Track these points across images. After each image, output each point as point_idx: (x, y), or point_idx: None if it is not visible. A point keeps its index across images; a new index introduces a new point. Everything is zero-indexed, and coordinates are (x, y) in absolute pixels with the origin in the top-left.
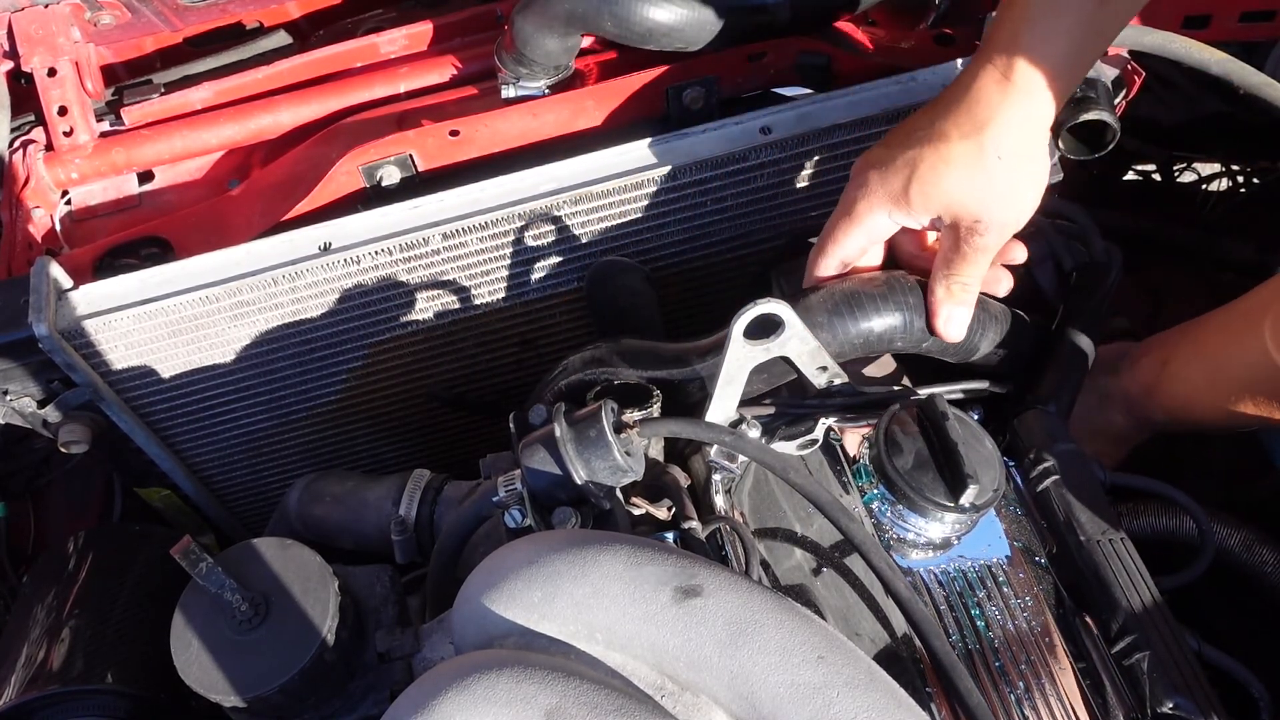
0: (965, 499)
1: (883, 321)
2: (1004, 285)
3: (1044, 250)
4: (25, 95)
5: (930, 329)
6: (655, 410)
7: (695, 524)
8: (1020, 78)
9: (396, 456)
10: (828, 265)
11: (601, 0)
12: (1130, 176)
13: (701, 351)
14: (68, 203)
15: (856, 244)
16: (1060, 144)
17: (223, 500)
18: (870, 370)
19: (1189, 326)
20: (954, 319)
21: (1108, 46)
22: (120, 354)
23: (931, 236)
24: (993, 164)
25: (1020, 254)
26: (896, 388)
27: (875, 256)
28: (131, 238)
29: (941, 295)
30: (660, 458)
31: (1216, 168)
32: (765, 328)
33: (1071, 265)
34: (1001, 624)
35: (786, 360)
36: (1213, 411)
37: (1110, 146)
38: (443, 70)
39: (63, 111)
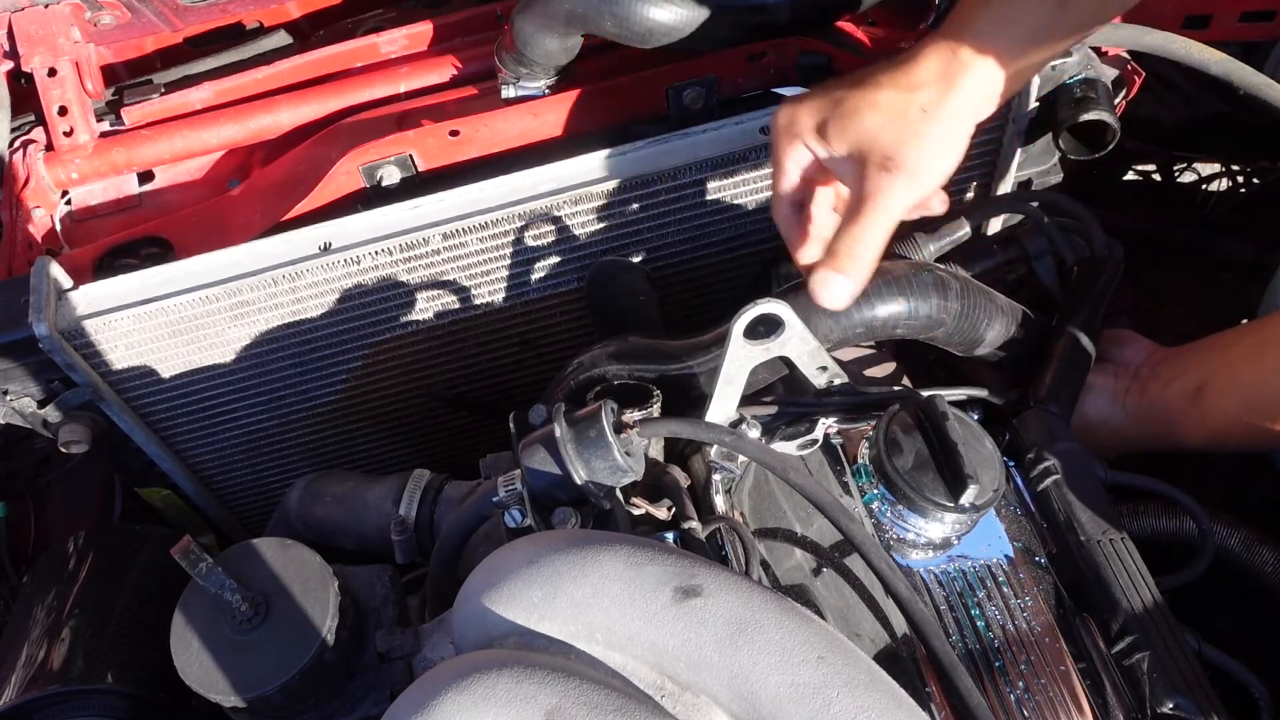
0: (965, 499)
1: (886, 308)
2: (937, 201)
3: (1044, 245)
4: (25, 95)
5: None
6: (655, 410)
7: (695, 524)
8: (964, 53)
9: (396, 456)
10: (780, 207)
11: (601, 0)
12: (1130, 176)
13: (706, 345)
14: (68, 203)
15: (789, 178)
16: (1060, 144)
17: (223, 500)
18: (870, 370)
19: (1218, 348)
20: (829, 284)
21: (1065, 45)
22: (120, 354)
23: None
24: (915, 114)
25: (939, 204)
26: (896, 388)
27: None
28: (131, 238)
29: (826, 259)
30: (660, 458)
31: (1216, 168)
32: (765, 327)
33: (1073, 260)
34: (1001, 624)
35: (786, 360)
36: (1252, 436)
37: (1110, 146)
38: (443, 70)
39: (63, 111)
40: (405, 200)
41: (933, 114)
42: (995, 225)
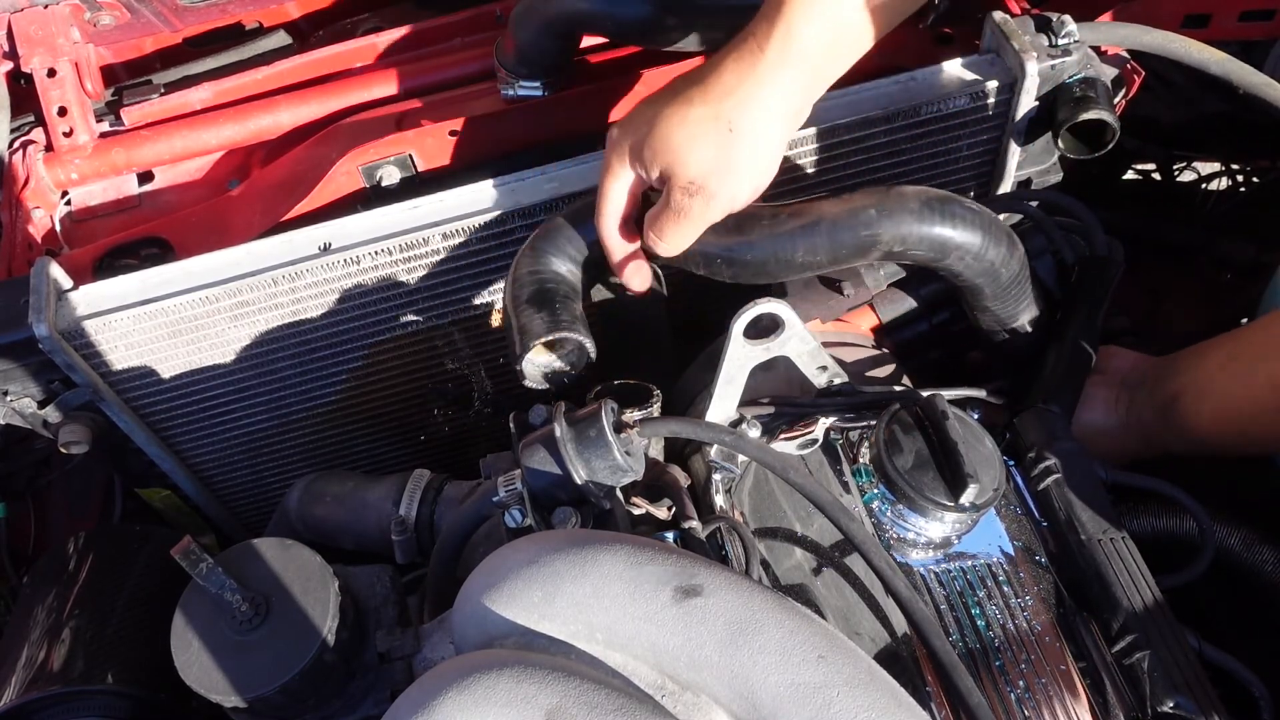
0: (965, 498)
1: (962, 233)
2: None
3: (1043, 243)
4: (25, 96)
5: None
6: (655, 410)
7: (695, 524)
8: (770, 58)
9: (396, 456)
10: (607, 223)
11: (601, 0)
12: (1130, 176)
13: None
14: (67, 203)
15: (617, 197)
16: (1060, 143)
17: (223, 500)
18: (870, 370)
19: (1195, 357)
20: (634, 270)
21: (874, 39)
22: (120, 354)
23: None
24: (723, 135)
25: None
26: (896, 388)
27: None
28: (131, 238)
29: (640, 243)
30: (660, 458)
31: (1216, 167)
32: (765, 327)
33: (1072, 259)
34: (1002, 623)
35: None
36: (1227, 441)
37: (1110, 146)
38: (443, 70)
39: (62, 112)
40: (405, 200)
41: (741, 134)
42: None
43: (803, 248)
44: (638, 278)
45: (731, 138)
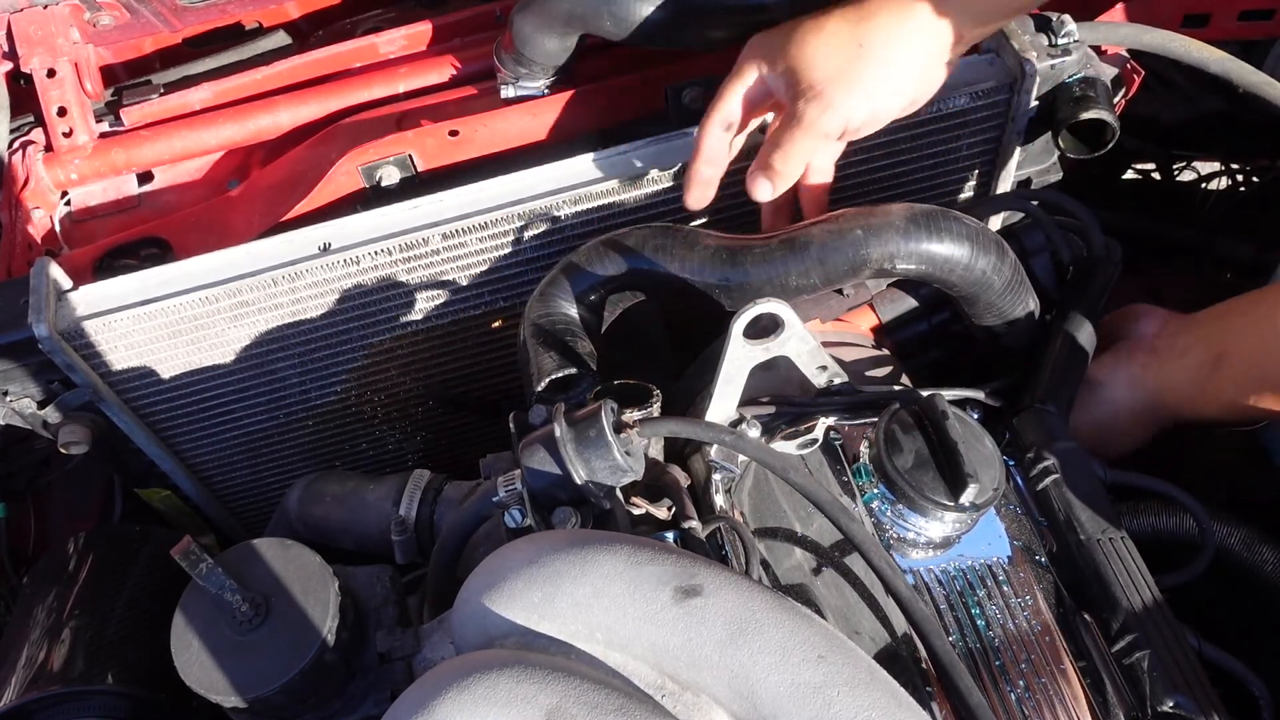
0: (965, 498)
1: (949, 247)
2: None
3: (1041, 240)
4: (24, 96)
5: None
6: (655, 410)
7: (695, 524)
8: (919, 6)
9: (396, 457)
10: (713, 123)
11: (601, 0)
12: (1130, 175)
13: None
14: (67, 203)
15: (733, 99)
16: (1060, 142)
17: (223, 500)
18: (870, 370)
19: (1232, 315)
20: (754, 181)
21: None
22: (120, 355)
23: None
24: (852, 49)
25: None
26: (896, 387)
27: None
28: (131, 238)
29: (756, 161)
30: (660, 458)
31: (1216, 166)
32: (765, 327)
33: (1069, 259)
34: (1002, 623)
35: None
36: (1272, 404)
37: (1109, 145)
38: (443, 70)
39: (62, 112)
40: (405, 200)
41: (871, 51)
42: (994, 224)
43: (795, 272)
44: (701, 192)
45: (860, 53)
